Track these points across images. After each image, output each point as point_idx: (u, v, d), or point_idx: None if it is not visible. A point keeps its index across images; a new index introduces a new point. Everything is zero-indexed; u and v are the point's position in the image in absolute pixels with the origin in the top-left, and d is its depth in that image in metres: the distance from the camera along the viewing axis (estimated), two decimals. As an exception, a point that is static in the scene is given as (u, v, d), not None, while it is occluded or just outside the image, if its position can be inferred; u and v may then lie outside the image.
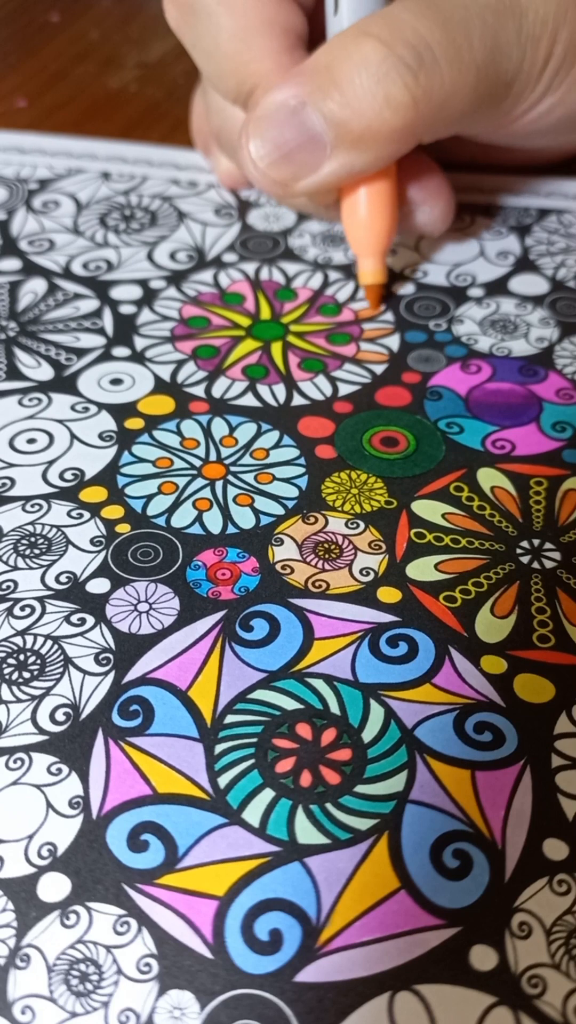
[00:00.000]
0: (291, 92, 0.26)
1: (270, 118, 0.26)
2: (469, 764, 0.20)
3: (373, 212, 0.29)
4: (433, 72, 0.25)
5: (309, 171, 0.27)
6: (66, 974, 0.17)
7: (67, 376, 0.29)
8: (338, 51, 0.26)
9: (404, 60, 0.25)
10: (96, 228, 0.35)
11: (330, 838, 0.19)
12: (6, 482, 0.26)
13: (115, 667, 0.21)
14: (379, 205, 0.29)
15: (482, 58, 0.26)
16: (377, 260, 0.30)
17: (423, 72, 0.25)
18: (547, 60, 0.27)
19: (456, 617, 0.22)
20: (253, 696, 0.21)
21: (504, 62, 0.27)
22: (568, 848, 0.19)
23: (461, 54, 0.26)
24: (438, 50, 0.25)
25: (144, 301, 0.32)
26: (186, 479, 0.26)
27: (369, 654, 0.22)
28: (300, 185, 0.27)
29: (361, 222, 0.29)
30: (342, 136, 0.26)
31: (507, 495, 0.25)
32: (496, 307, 0.31)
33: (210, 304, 0.31)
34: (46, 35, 0.48)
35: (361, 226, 0.29)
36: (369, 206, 0.29)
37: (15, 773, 0.20)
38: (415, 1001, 0.17)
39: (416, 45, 0.25)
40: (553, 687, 0.21)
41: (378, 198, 0.29)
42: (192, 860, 0.18)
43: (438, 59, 0.25)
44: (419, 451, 0.26)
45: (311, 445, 0.27)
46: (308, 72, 0.26)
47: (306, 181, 0.27)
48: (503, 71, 0.27)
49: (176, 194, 0.36)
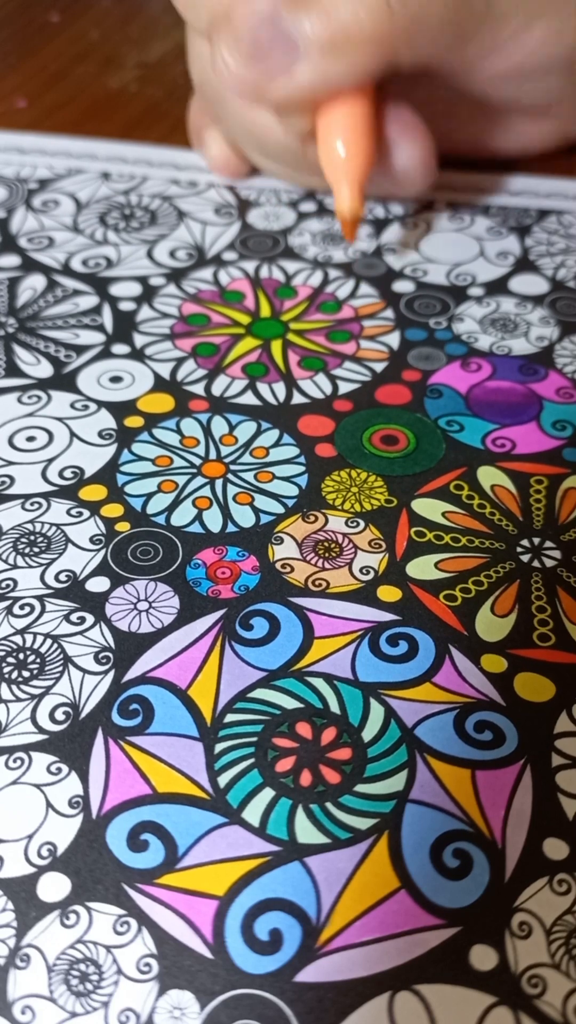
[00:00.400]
0: (265, 1, 0.26)
1: (243, 21, 0.26)
2: (469, 763, 0.20)
3: (349, 136, 0.28)
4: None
5: (282, 72, 0.27)
6: (66, 974, 0.17)
7: (66, 373, 0.29)
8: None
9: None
10: (96, 226, 0.35)
11: (330, 838, 0.19)
12: (5, 480, 0.26)
13: (115, 666, 0.21)
14: (356, 129, 0.28)
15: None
16: (354, 187, 0.29)
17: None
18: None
19: (456, 616, 0.22)
20: (253, 695, 0.21)
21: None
22: (568, 848, 0.19)
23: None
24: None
25: (144, 298, 0.31)
26: (186, 477, 0.26)
27: (369, 653, 0.22)
28: (274, 87, 0.27)
29: (337, 146, 0.28)
30: (317, 37, 0.26)
31: (507, 493, 0.25)
32: (496, 306, 0.31)
33: (210, 301, 0.31)
34: (46, 35, 0.48)
35: (337, 150, 0.28)
36: (345, 129, 0.28)
37: (15, 772, 0.20)
38: (415, 1001, 0.17)
39: None
40: (553, 686, 0.21)
41: (354, 120, 0.28)
42: (192, 860, 0.18)
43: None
44: (419, 449, 0.26)
45: (311, 443, 0.27)
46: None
47: (280, 83, 0.27)
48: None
49: (176, 194, 0.36)
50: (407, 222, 0.35)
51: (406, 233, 0.34)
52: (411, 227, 0.34)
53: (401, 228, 0.34)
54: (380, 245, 0.34)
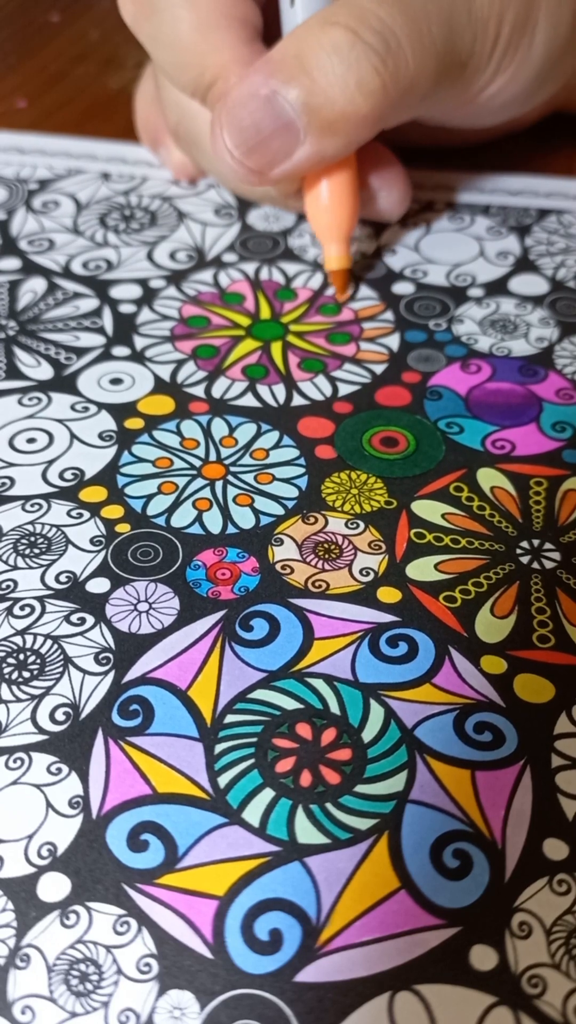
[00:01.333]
0: (262, 80, 0.26)
1: (242, 107, 0.27)
2: (469, 764, 0.20)
3: (335, 199, 0.29)
4: (399, 57, 0.26)
5: (283, 158, 0.27)
6: (66, 974, 0.17)
7: (67, 376, 0.29)
8: (306, 39, 0.26)
9: (372, 46, 0.26)
10: (96, 228, 0.35)
11: (330, 838, 0.19)
12: (6, 482, 0.26)
13: (115, 667, 0.21)
14: (341, 192, 0.29)
15: (440, 41, 0.27)
16: (341, 245, 0.30)
17: (390, 57, 0.26)
18: (496, 40, 0.28)
19: (456, 617, 0.22)
20: (253, 696, 0.21)
21: (459, 44, 0.28)
22: (568, 848, 0.19)
23: (422, 39, 0.27)
24: (401, 35, 0.26)
25: (144, 300, 0.32)
26: (186, 479, 0.26)
27: (369, 654, 0.22)
28: (274, 172, 0.28)
29: (324, 209, 0.30)
30: (315, 122, 0.26)
31: (507, 495, 0.25)
32: (496, 307, 0.31)
33: (210, 304, 0.31)
34: (46, 35, 0.48)
35: (325, 213, 0.30)
36: (332, 193, 0.29)
37: (15, 773, 0.20)
38: (415, 1001, 0.17)
39: (381, 31, 0.26)
40: (553, 687, 0.21)
41: (340, 185, 0.29)
42: (192, 860, 0.18)
43: (402, 44, 0.26)
44: (419, 451, 0.26)
45: (311, 445, 0.27)
46: (277, 61, 0.27)
47: (280, 168, 0.28)
48: (458, 53, 0.28)
49: (176, 194, 0.36)
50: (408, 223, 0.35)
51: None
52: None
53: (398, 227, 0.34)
54: (380, 246, 0.34)
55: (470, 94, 0.30)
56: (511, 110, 0.32)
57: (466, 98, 0.30)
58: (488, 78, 0.30)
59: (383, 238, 0.34)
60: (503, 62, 0.29)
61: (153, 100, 0.35)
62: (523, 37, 0.29)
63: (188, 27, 0.28)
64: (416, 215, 0.35)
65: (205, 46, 0.28)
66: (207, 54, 0.28)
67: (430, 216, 0.35)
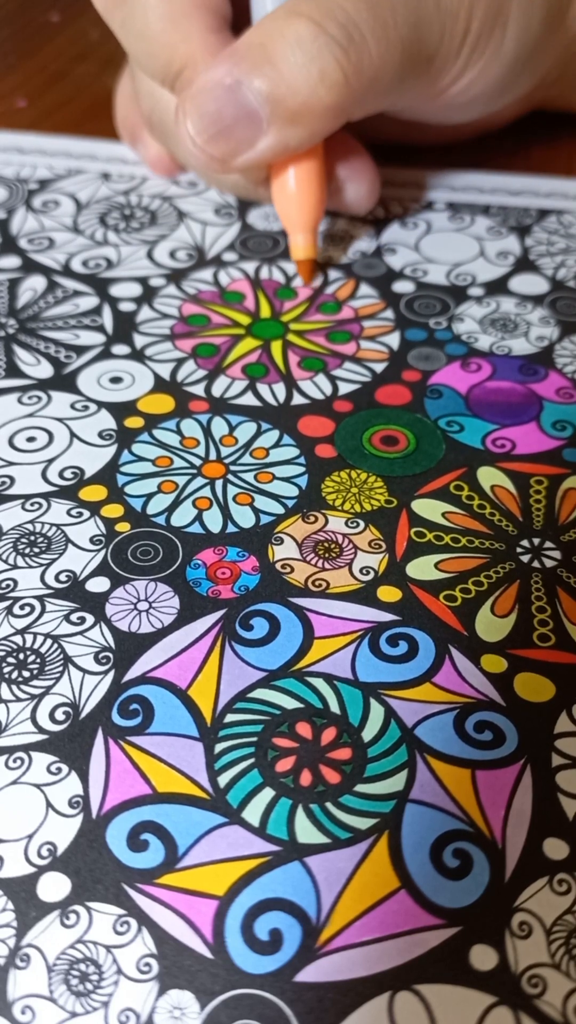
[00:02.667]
0: (226, 70, 0.27)
1: (206, 94, 0.27)
2: (469, 763, 0.20)
3: (302, 189, 0.30)
4: (362, 49, 0.26)
5: (246, 147, 0.27)
6: (66, 974, 0.17)
7: (67, 374, 0.29)
8: (271, 30, 0.27)
9: (335, 38, 0.26)
10: (96, 227, 0.35)
11: (330, 837, 0.19)
12: (5, 480, 0.26)
13: (115, 666, 0.21)
14: (308, 182, 0.30)
15: (406, 33, 0.27)
16: (308, 235, 0.31)
17: (353, 49, 0.26)
18: (465, 34, 0.28)
19: (456, 616, 0.22)
20: (253, 695, 0.21)
21: (426, 36, 0.28)
22: (568, 848, 0.19)
23: (387, 31, 0.27)
24: (365, 28, 0.26)
25: (144, 298, 0.32)
26: (186, 478, 0.26)
27: (369, 653, 0.22)
28: (237, 161, 0.28)
29: (291, 198, 0.30)
30: (278, 112, 0.27)
31: (507, 494, 0.25)
32: (496, 306, 0.31)
33: (210, 302, 0.31)
34: (46, 35, 0.48)
35: (291, 202, 0.30)
36: (298, 183, 0.30)
37: (15, 772, 0.20)
38: (415, 1001, 0.17)
39: (345, 24, 0.26)
40: (553, 686, 0.21)
41: (307, 175, 0.30)
42: (192, 860, 0.18)
43: (366, 36, 0.26)
44: (419, 450, 0.26)
45: (311, 444, 0.27)
46: (242, 51, 0.27)
47: (243, 157, 0.28)
48: (425, 45, 0.28)
49: (176, 194, 0.36)
50: (407, 223, 0.35)
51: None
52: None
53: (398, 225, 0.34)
54: (380, 245, 0.34)
55: (438, 88, 0.30)
56: (481, 106, 0.32)
57: (434, 92, 0.30)
58: (457, 72, 0.30)
59: (383, 238, 0.34)
60: (472, 56, 0.29)
61: (132, 97, 0.35)
62: (493, 31, 0.29)
63: (157, 16, 0.28)
64: (416, 215, 0.35)
65: (174, 34, 0.28)
66: (176, 43, 0.28)
67: (430, 216, 0.35)
